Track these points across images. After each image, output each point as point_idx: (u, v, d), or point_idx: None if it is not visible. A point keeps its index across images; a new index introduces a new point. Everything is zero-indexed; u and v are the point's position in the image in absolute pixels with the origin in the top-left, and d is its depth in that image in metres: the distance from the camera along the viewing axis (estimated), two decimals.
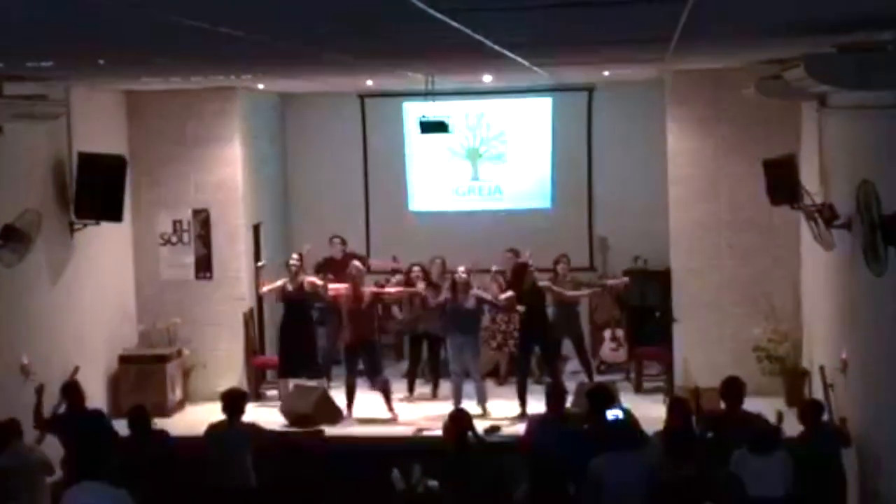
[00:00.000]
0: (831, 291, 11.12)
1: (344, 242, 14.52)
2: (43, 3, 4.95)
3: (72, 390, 10.38)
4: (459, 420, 9.27)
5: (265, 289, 13.52)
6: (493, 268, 13.71)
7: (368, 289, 12.95)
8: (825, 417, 9.63)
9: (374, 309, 13.04)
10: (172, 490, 9.30)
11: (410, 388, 13.68)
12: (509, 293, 12.88)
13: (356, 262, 13.27)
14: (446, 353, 13.13)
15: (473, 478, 8.89)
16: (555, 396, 9.76)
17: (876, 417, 9.39)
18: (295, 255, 13.40)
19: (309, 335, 13.46)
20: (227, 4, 5.29)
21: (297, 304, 13.30)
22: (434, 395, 13.49)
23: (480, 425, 11.53)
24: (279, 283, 13.36)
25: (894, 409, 8.80)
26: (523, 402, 12.59)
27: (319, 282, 13.27)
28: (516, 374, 13.08)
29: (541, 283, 12.93)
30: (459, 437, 9.11)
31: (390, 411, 12.69)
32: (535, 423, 9.97)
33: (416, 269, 13.85)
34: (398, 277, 14.18)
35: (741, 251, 13.17)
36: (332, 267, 14.02)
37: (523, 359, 13.06)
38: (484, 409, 12.53)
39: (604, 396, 9.68)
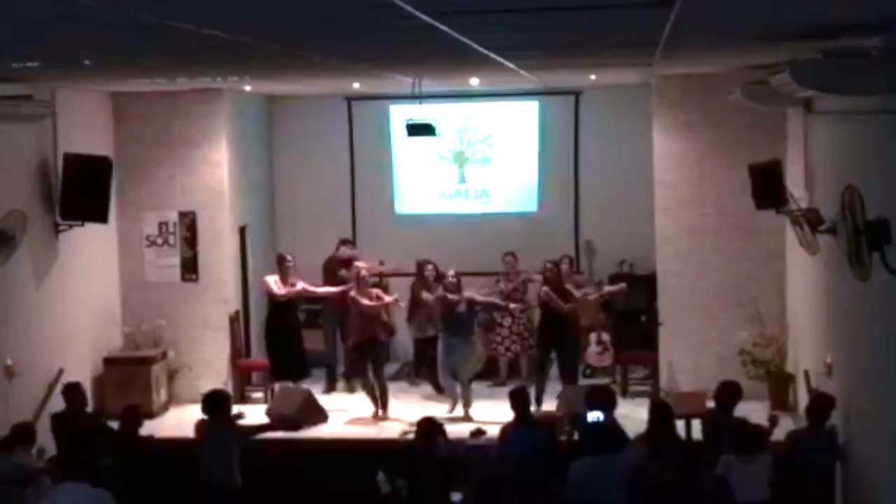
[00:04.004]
0: (816, 296, 11.15)
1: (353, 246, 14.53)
2: (29, 4, 4.94)
3: (72, 392, 10.40)
4: (429, 426, 9.32)
5: (283, 291, 13.24)
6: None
7: (375, 290, 13.00)
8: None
9: (380, 309, 13.06)
10: (157, 490, 9.32)
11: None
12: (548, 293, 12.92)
13: (361, 264, 13.29)
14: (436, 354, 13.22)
15: (440, 484, 8.94)
16: (520, 400, 9.80)
17: (860, 422, 9.41)
18: (289, 256, 13.40)
19: (297, 337, 13.45)
20: (213, 7, 5.28)
21: (287, 306, 13.29)
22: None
23: (466, 428, 11.60)
24: (299, 286, 13.23)
25: (878, 412, 8.82)
26: (539, 403, 12.57)
27: (311, 287, 13.28)
28: (534, 375, 13.08)
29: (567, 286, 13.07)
30: (428, 443, 9.16)
31: (384, 410, 12.76)
32: (508, 429, 9.95)
33: (429, 267, 13.82)
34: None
35: (727, 255, 13.20)
36: (335, 267, 14.02)
37: (543, 360, 13.02)
38: (467, 413, 12.53)
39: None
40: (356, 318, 12.89)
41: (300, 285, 13.24)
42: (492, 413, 12.36)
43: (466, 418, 12.35)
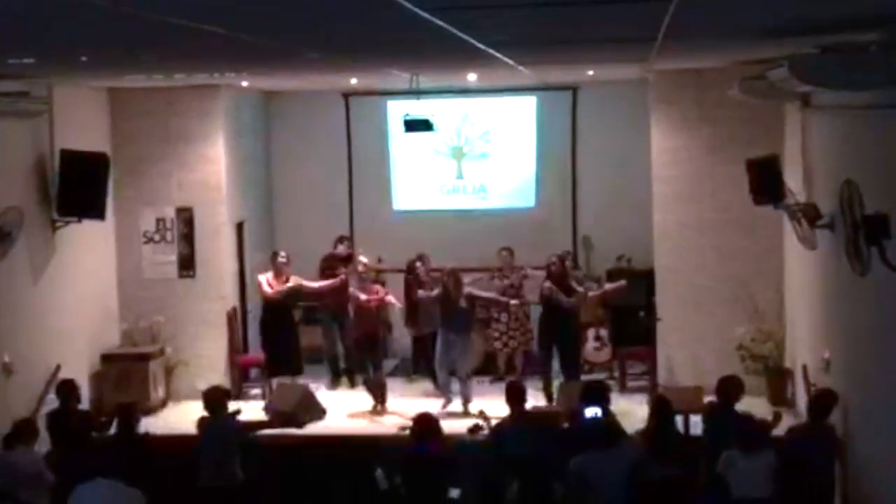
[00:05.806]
0: (814, 291, 11.15)
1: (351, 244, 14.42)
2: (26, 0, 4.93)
3: (68, 389, 10.37)
4: (426, 423, 9.30)
5: (275, 290, 13.28)
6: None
7: (376, 286, 13.10)
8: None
9: (380, 306, 13.13)
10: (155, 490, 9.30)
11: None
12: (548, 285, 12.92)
13: (364, 258, 13.35)
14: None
15: (438, 480, 8.94)
16: (516, 395, 9.77)
17: (858, 417, 9.41)
18: (283, 253, 13.42)
19: (293, 333, 13.51)
20: (212, 3, 5.27)
21: (282, 303, 13.32)
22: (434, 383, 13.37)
23: (465, 424, 11.59)
24: (290, 284, 13.28)
25: (876, 408, 8.82)
26: (550, 398, 12.64)
27: (305, 281, 13.31)
28: (539, 370, 13.12)
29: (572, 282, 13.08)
30: (426, 439, 9.15)
31: (382, 405, 12.82)
32: (503, 425, 9.92)
33: (419, 265, 13.85)
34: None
35: (725, 251, 13.20)
36: (334, 265, 14.02)
37: (545, 356, 13.04)
38: (466, 409, 12.53)
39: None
40: (355, 313, 12.95)
41: (293, 280, 13.26)
42: (492, 408, 12.38)
43: (466, 414, 12.35)
